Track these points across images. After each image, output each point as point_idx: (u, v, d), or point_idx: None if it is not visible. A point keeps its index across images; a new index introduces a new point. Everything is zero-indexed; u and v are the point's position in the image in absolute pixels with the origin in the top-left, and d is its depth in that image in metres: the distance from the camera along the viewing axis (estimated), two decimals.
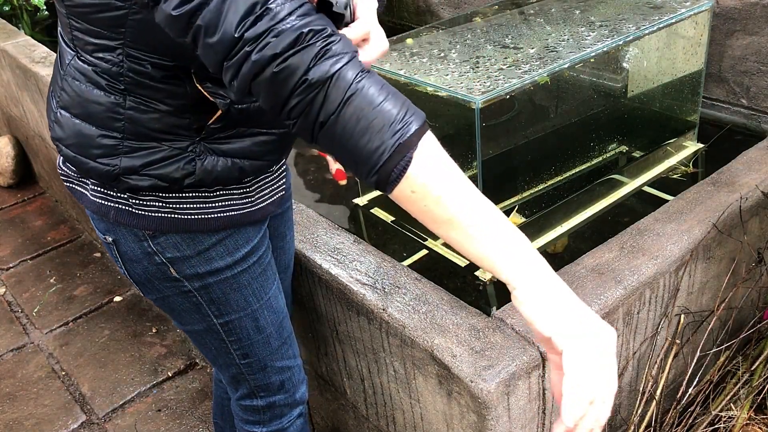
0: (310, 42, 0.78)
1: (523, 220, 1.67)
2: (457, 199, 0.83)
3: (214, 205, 1.14)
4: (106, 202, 1.13)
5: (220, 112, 1.04)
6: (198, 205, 1.13)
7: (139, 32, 0.96)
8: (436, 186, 0.82)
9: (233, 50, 0.80)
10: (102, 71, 1.02)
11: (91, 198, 1.14)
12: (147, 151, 1.06)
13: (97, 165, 1.07)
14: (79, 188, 1.17)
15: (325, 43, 0.78)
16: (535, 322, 0.84)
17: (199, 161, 1.09)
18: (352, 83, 0.78)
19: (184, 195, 1.11)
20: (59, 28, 1.09)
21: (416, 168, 0.81)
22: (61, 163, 1.18)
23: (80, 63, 1.03)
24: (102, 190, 1.12)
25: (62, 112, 1.09)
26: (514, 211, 1.44)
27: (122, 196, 1.10)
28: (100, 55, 1.01)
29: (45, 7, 3.62)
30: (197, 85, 1.02)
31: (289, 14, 0.79)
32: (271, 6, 0.79)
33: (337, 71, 0.78)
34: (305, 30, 0.78)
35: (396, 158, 0.80)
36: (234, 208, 1.15)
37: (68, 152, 1.10)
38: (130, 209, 1.11)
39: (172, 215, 1.11)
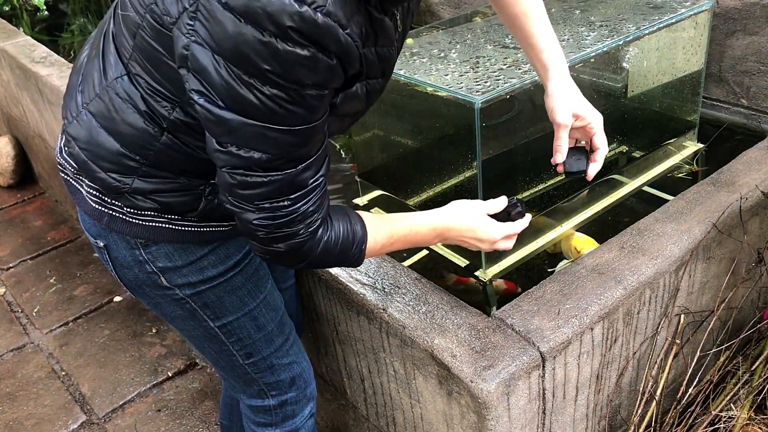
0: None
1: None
2: (398, 242, 1.16)
3: (207, 222, 1.15)
4: (100, 207, 1.12)
5: None
6: (192, 221, 1.13)
7: None
8: (384, 248, 1.15)
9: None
10: (149, 104, 1.01)
11: (86, 198, 1.13)
12: (161, 180, 1.06)
13: (106, 177, 1.06)
14: (75, 183, 1.15)
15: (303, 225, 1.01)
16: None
17: (205, 201, 1.10)
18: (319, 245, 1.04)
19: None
20: (110, 30, 1.05)
21: (366, 256, 1.13)
22: (65, 154, 1.15)
23: (130, 85, 1.01)
24: (98, 194, 1.11)
25: (89, 114, 1.06)
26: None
27: (117, 203, 1.10)
28: (153, 96, 1.00)
29: (45, 7, 3.62)
30: None
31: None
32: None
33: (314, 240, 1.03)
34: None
35: (361, 260, 1.12)
36: (225, 225, 1.16)
37: (79, 153, 1.08)
38: (125, 217, 1.10)
39: (167, 225, 1.11)
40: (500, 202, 1.23)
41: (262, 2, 0.81)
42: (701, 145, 2.12)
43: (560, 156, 1.27)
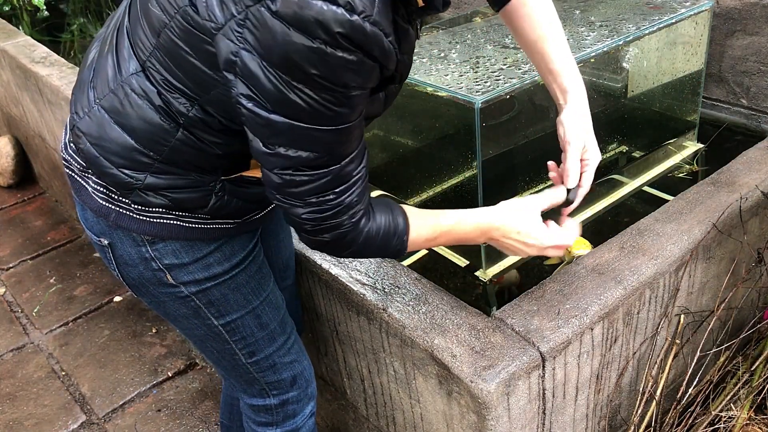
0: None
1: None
2: (442, 236, 1.16)
3: (215, 219, 1.15)
4: (107, 204, 1.11)
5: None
6: (200, 218, 1.13)
7: (222, 101, 0.98)
8: (428, 241, 1.16)
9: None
10: (166, 101, 1.01)
11: (92, 195, 1.13)
12: (174, 176, 1.07)
13: (117, 173, 1.06)
14: (80, 180, 1.14)
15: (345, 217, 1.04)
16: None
17: (215, 198, 1.10)
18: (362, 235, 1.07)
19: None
20: (124, 25, 1.05)
21: (410, 248, 1.14)
22: (72, 151, 1.14)
23: (146, 82, 1.01)
24: (105, 191, 1.11)
25: (102, 110, 1.06)
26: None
27: (126, 200, 1.10)
28: (171, 92, 1.00)
29: (45, 7, 3.62)
30: None
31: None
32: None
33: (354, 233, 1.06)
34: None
35: (403, 251, 1.13)
36: (231, 223, 1.16)
37: (90, 149, 1.08)
38: (132, 214, 1.10)
39: (176, 222, 1.11)
40: (560, 192, 1.22)
41: (314, 11, 0.83)
42: (701, 145, 2.12)
43: (572, 180, 1.26)
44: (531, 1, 1.27)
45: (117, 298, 2.66)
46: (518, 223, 1.17)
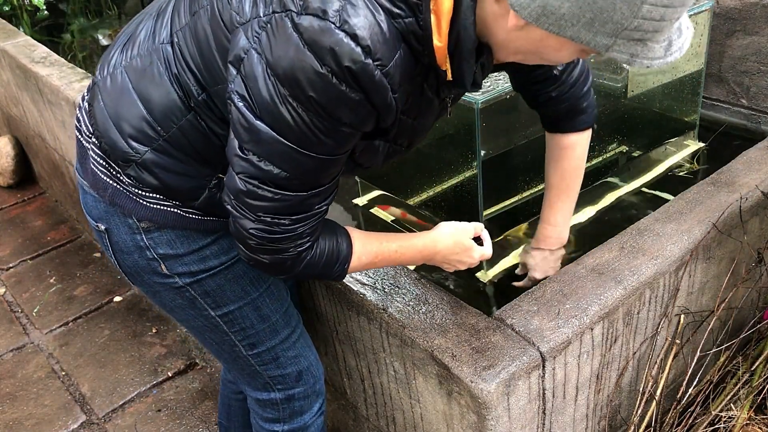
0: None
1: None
2: (382, 261, 1.18)
3: (208, 216, 1.15)
4: (105, 177, 1.11)
5: None
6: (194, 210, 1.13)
7: (225, 98, 0.98)
8: (367, 266, 1.17)
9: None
10: (181, 77, 1.02)
11: (92, 166, 1.12)
12: (174, 160, 1.07)
13: (120, 140, 1.06)
14: (85, 145, 1.14)
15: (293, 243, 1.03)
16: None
17: (208, 192, 1.10)
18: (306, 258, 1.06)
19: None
20: (172, 1, 1.07)
21: (350, 272, 1.15)
22: (85, 111, 1.15)
23: (170, 53, 1.03)
24: (105, 164, 1.10)
25: (124, 73, 1.07)
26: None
27: (124, 180, 1.09)
28: (186, 74, 1.01)
29: (45, 7, 3.62)
30: None
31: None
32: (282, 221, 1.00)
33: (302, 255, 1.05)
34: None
35: (343, 276, 1.14)
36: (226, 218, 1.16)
37: (102, 109, 1.08)
38: (129, 195, 1.10)
39: (172, 210, 1.11)
40: (479, 226, 1.31)
41: (333, 40, 0.85)
42: (702, 145, 2.12)
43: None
44: (574, 151, 1.40)
45: (117, 298, 2.66)
46: (455, 249, 1.24)
